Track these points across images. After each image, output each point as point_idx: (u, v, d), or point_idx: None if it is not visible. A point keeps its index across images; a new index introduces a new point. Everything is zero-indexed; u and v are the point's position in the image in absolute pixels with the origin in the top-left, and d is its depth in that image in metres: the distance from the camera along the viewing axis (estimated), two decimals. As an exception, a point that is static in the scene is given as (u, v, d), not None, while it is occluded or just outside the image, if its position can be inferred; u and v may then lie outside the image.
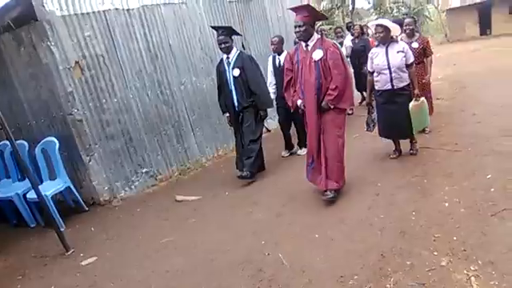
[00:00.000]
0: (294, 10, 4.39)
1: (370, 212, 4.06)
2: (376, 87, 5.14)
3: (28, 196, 5.25)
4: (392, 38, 4.96)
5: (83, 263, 4.15)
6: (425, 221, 3.69)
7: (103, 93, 5.64)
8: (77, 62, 5.33)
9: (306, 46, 4.32)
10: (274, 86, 6.32)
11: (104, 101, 5.64)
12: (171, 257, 3.99)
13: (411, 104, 5.03)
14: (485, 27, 23.77)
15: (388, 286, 2.93)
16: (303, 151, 6.14)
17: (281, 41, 6.29)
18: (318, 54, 4.23)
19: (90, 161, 5.47)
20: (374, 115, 5.40)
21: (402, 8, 35.06)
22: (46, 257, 4.47)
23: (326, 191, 4.43)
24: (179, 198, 5.38)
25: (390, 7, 33.50)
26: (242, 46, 7.92)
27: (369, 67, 5.19)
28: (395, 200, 4.21)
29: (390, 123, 5.17)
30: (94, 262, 4.16)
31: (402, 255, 3.25)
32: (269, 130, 7.99)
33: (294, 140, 6.67)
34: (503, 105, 6.67)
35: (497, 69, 10.84)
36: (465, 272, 2.91)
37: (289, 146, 6.65)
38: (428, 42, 6.25)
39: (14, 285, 4.06)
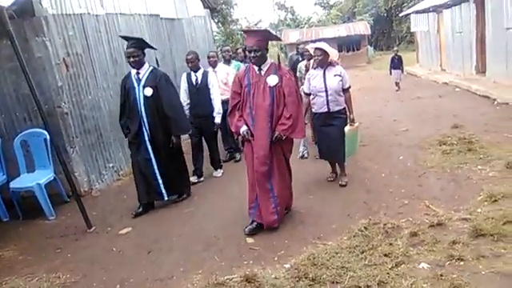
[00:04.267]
0: (248, 33, 4.66)
1: (334, 181, 5.55)
2: (313, 109, 5.25)
3: (12, 186, 5.24)
4: (330, 61, 5.05)
5: (122, 232, 4.57)
6: (376, 183, 5.28)
7: (82, 90, 6.00)
8: (63, 59, 5.64)
9: (260, 69, 4.16)
10: (188, 106, 5.89)
11: (82, 97, 5.99)
12: (209, 216, 4.75)
13: (347, 128, 5.13)
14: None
15: (382, 215, 4.32)
16: (219, 173, 6.28)
17: (197, 57, 5.93)
18: (273, 80, 4.11)
19: (73, 152, 5.72)
20: (306, 140, 5.53)
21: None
22: (67, 236, 4.67)
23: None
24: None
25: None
26: (156, 62, 7.78)
27: (306, 89, 5.19)
28: (347, 173, 5.64)
29: (326, 145, 5.29)
30: (131, 231, 4.60)
31: (376, 201, 4.71)
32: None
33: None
34: (380, 115, 9.17)
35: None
36: (423, 204, 4.46)
37: (199, 171, 6.09)
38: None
39: (58, 255, 4.21)
